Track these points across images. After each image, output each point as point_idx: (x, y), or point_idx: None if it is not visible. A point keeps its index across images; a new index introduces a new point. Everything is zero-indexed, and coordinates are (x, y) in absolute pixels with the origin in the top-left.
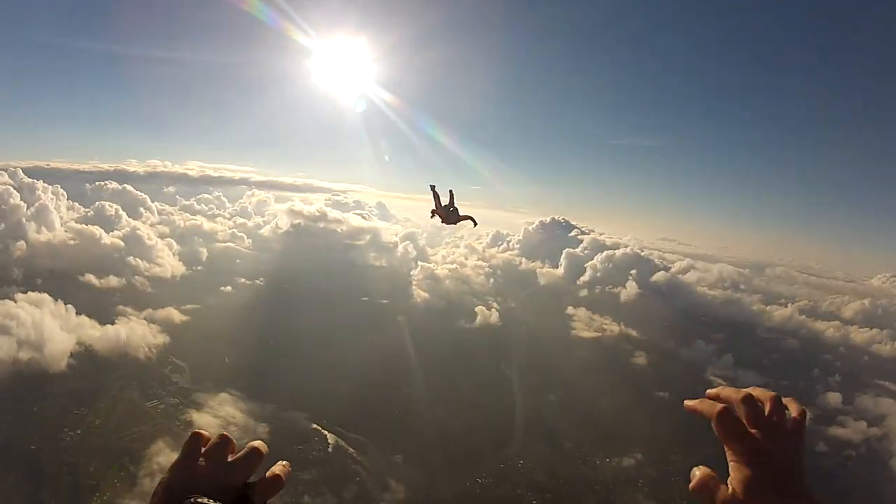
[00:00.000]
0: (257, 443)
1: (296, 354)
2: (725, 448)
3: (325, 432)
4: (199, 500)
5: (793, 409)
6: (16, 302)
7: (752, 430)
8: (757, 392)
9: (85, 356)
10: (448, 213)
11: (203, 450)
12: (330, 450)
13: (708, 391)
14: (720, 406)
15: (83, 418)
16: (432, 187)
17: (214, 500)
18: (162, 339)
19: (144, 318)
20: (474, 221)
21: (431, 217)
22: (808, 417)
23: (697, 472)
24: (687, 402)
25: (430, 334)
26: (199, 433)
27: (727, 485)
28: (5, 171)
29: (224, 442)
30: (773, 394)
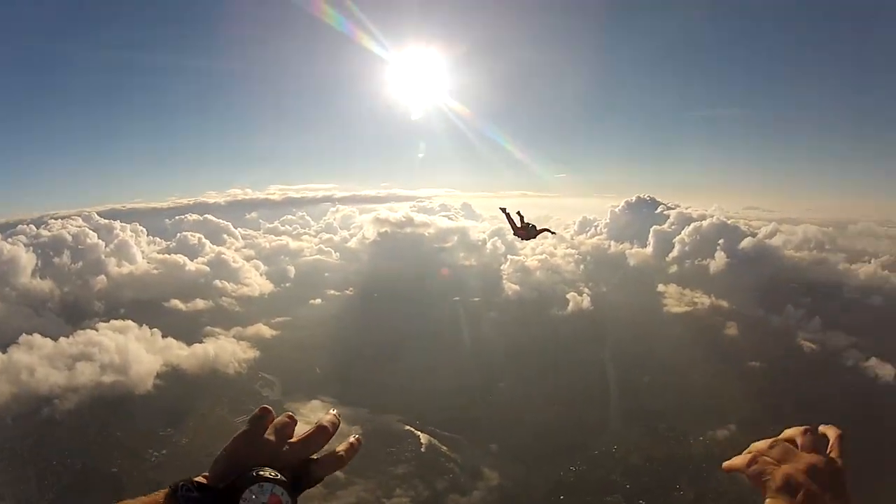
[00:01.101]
0: (326, 420)
1: (388, 359)
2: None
3: (418, 433)
4: (262, 471)
5: (830, 434)
6: (98, 331)
7: (785, 469)
8: (788, 433)
9: (172, 376)
10: (527, 231)
11: (269, 426)
12: (423, 449)
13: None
14: (747, 457)
15: (169, 438)
16: (503, 210)
17: (277, 472)
18: (252, 353)
19: (233, 337)
20: (552, 232)
21: (514, 236)
22: (844, 439)
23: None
24: (724, 465)
25: (524, 326)
26: (266, 408)
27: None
28: (79, 216)
29: (290, 420)
30: (802, 429)
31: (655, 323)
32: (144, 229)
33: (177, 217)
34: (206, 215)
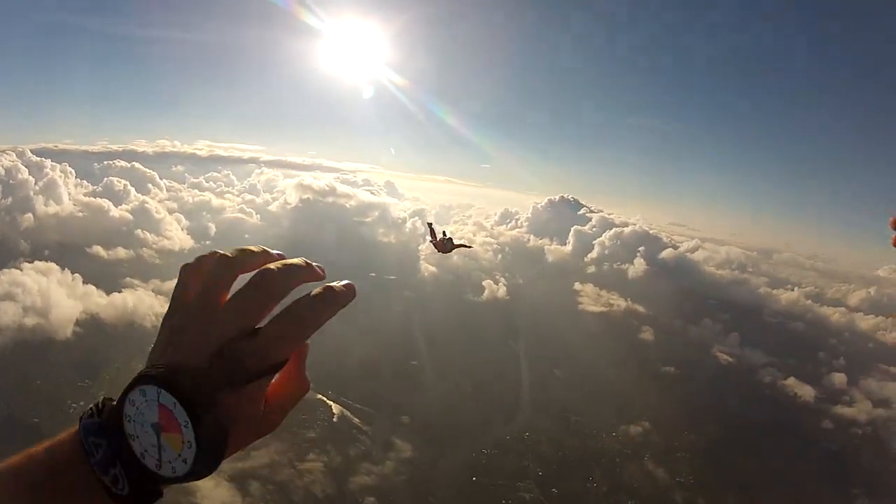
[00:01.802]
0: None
1: None
2: None
3: (330, 402)
4: (151, 370)
5: None
6: (22, 271)
7: None
8: None
9: (91, 325)
10: (444, 244)
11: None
12: (335, 419)
13: None
14: None
15: (87, 389)
16: (429, 224)
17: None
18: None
19: (152, 290)
20: (468, 246)
21: (427, 246)
22: None
23: None
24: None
25: (438, 307)
26: (188, 264)
27: None
28: (13, 151)
29: (228, 261)
30: None
31: (570, 320)
32: (73, 171)
33: (105, 162)
34: (133, 163)
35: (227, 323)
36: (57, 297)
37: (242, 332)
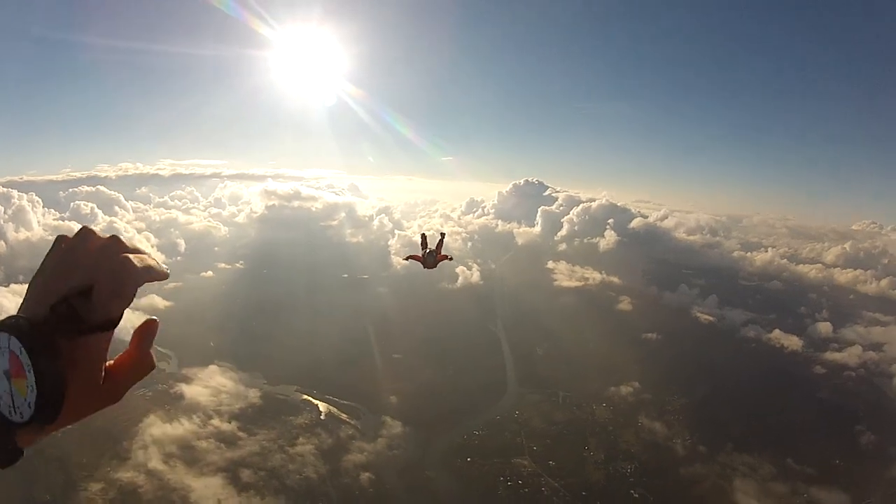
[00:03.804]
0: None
1: (281, 333)
2: None
3: (316, 402)
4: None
5: None
6: None
7: None
8: None
9: None
10: (426, 257)
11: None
12: (322, 417)
13: None
14: None
15: None
16: (423, 236)
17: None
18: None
19: (129, 307)
20: (450, 259)
21: (405, 259)
22: None
23: None
24: None
25: (414, 299)
26: (62, 236)
27: None
28: None
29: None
30: None
31: (546, 298)
32: (40, 200)
33: (70, 189)
34: (98, 187)
35: (68, 280)
36: None
37: (79, 290)
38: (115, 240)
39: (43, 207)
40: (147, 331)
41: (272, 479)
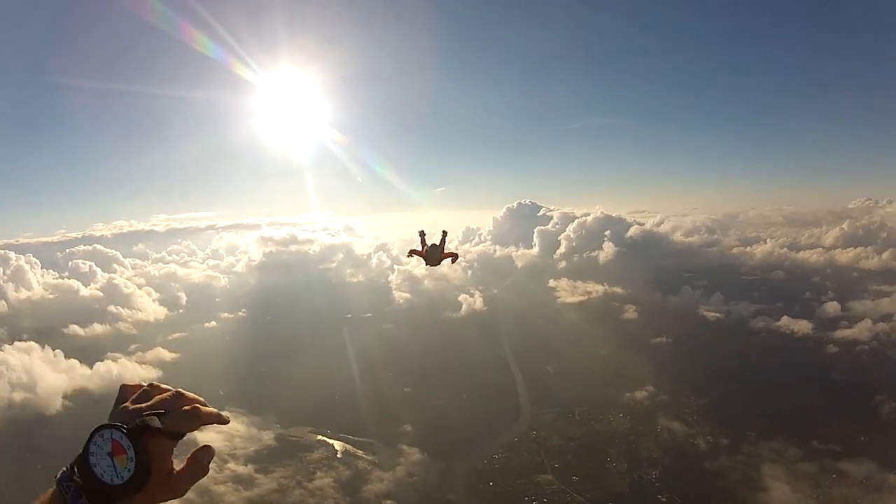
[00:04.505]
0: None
1: (290, 376)
2: None
3: (331, 441)
4: (107, 424)
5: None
6: (3, 351)
7: None
8: None
9: (80, 397)
10: (428, 251)
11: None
12: (339, 455)
13: None
14: None
15: None
16: (421, 233)
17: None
18: (155, 373)
19: (135, 361)
20: (455, 256)
21: (408, 256)
22: None
23: None
24: None
25: (419, 332)
26: (125, 385)
27: None
28: None
29: (148, 386)
30: None
31: (551, 316)
32: (38, 261)
33: (67, 249)
34: (94, 245)
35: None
36: (41, 371)
37: (158, 410)
38: (180, 392)
39: (41, 268)
40: (205, 451)
41: None
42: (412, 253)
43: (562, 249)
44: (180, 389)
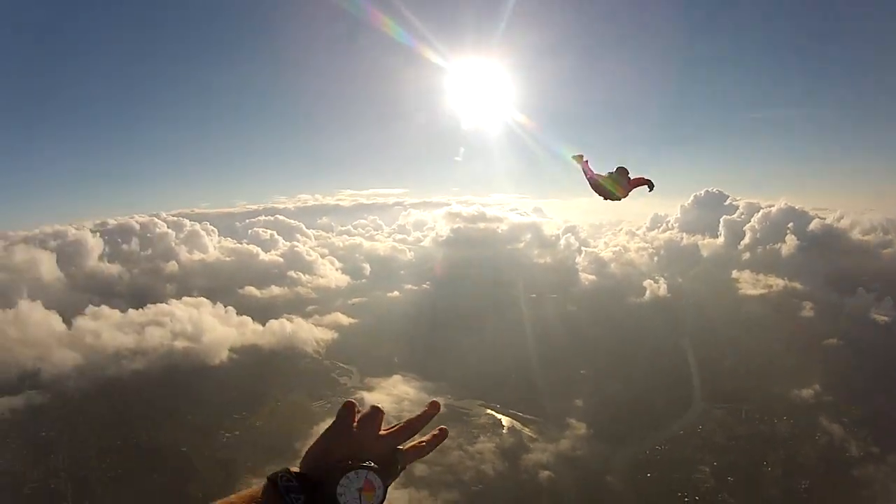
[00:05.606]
0: (424, 413)
1: (467, 349)
2: None
3: (500, 416)
4: (364, 464)
5: None
6: (169, 304)
7: None
8: None
9: (248, 351)
10: (609, 176)
11: (356, 419)
12: (504, 430)
13: None
14: None
15: (242, 421)
16: (580, 157)
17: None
18: (330, 335)
19: (311, 322)
20: (651, 185)
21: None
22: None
23: None
24: None
25: (602, 315)
26: (352, 402)
27: None
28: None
29: (375, 412)
30: None
31: (732, 308)
32: (216, 229)
33: (248, 220)
34: (277, 216)
35: (390, 443)
36: (210, 325)
37: (394, 448)
38: (407, 427)
39: (218, 235)
40: (438, 439)
41: (447, 474)
42: (586, 166)
43: (746, 240)
44: (418, 417)
